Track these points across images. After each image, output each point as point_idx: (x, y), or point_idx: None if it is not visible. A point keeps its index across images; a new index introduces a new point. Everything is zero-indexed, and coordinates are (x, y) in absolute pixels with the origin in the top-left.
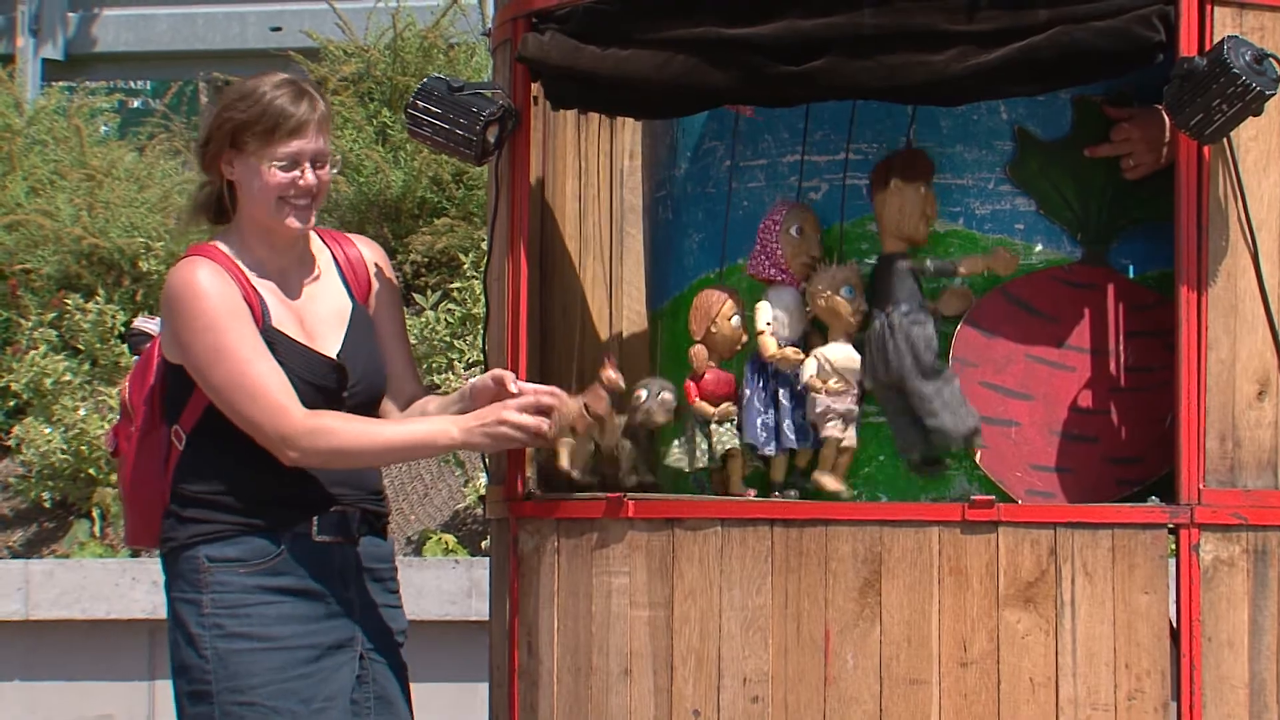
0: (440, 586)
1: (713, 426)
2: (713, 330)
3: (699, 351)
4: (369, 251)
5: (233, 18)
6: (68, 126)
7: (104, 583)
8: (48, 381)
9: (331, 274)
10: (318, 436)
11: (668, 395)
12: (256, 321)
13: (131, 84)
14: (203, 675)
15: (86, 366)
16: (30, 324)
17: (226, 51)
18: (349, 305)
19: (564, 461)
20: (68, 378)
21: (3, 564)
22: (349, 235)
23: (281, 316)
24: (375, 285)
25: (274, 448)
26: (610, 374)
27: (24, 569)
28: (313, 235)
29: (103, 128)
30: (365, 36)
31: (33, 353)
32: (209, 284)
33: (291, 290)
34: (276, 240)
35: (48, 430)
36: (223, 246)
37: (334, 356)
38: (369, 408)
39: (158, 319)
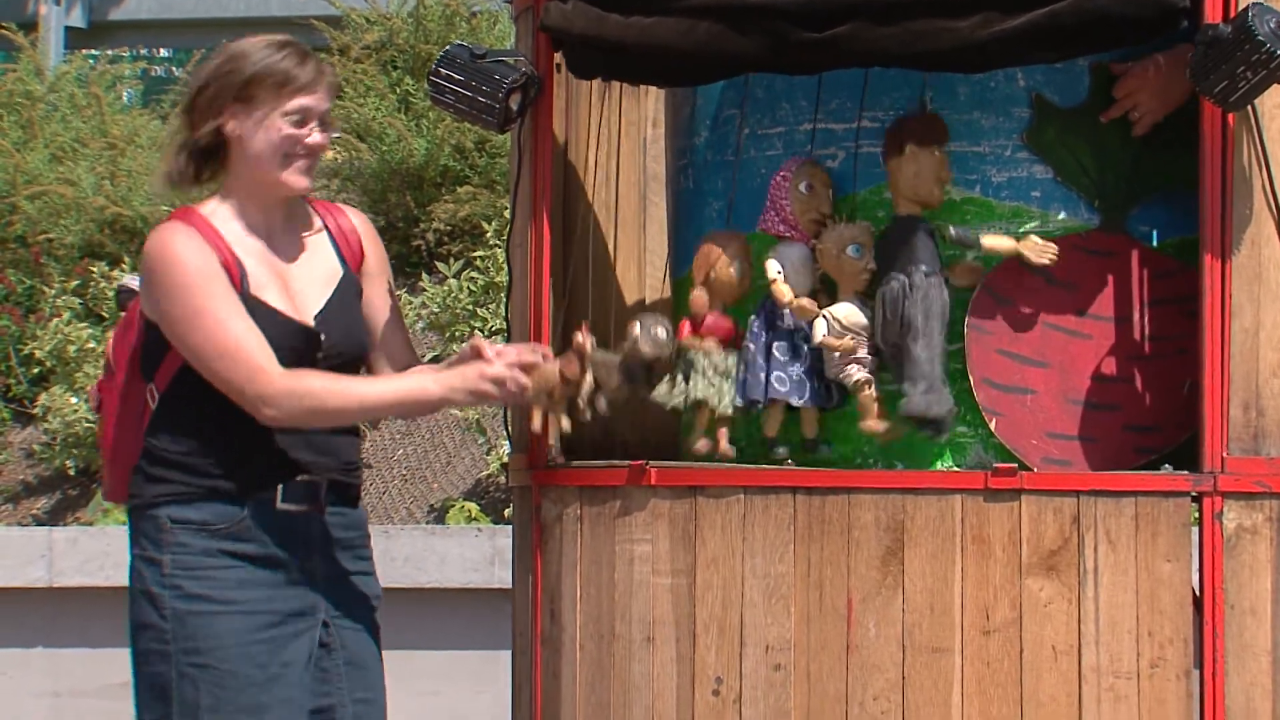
0: (463, 555)
1: (696, 367)
2: (712, 276)
3: (697, 296)
4: (360, 223)
5: None
6: (89, 95)
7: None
8: (71, 349)
9: (323, 240)
10: (296, 396)
11: (659, 330)
12: (234, 287)
13: (154, 51)
14: (160, 635)
15: (110, 334)
16: (53, 292)
17: (250, 19)
18: (340, 270)
19: (536, 425)
20: (91, 345)
21: (26, 531)
22: (339, 205)
23: (261, 281)
24: (367, 255)
25: (252, 408)
26: (579, 338)
27: (47, 536)
28: (303, 202)
29: (125, 94)
30: (388, 4)
31: (56, 320)
32: (185, 248)
33: (278, 252)
34: (266, 202)
35: (74, 399)
36: (206, 211)
37: (312, 320)
38: (346, 371)
39: None
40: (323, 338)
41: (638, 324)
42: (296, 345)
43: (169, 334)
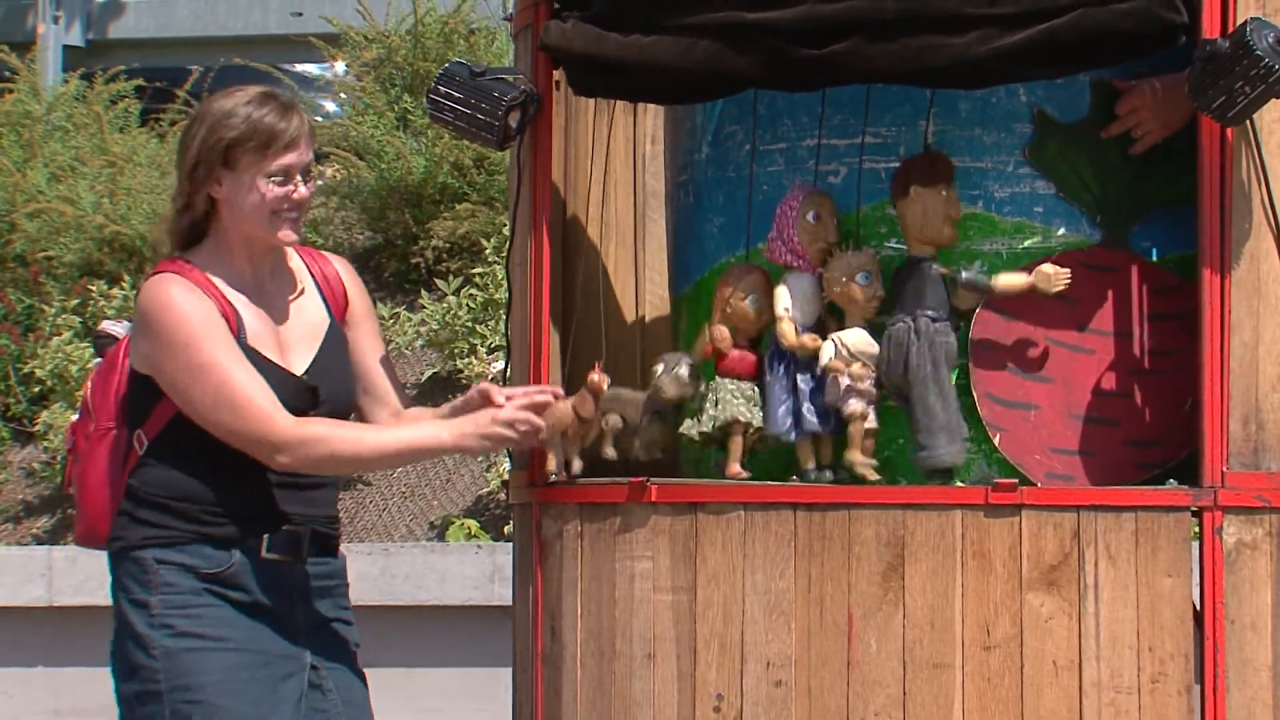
0: (463, 572)
1: (723, 392)
2: (728, 310)
3: (720, 332)
4: (343, 269)
5: (254, 3)
6: (88, 113)
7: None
8: (72, 369)
9: (310, 290)
10: (309, 444)
11: (683, 370)
12: (233, 336)
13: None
14: (152, 675)
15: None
16: (53, 311)
17: (248, 37)
18: (326, 321)
19: (550, 465)
20: (91, 365)
21: (26, 550)
22: (324, 253)
23: (257, 332)
24: (352, 303)
25: (263, 455)
26: (594, 377)
27: (47, 555)
28: (289, 250)
29: (137, 111)
30: (386, 22)
31: (56, 339)
32: (183, 300)
33: (268, 304)
34: (255, 253)
35: (74, 418)
36: (195, 262)
37: (303, 374)
38: (336, 419)
39: (124, 321)
40: (320, 393)
41: (661, 364)
42: (290, 400)
43: (168, 387)
